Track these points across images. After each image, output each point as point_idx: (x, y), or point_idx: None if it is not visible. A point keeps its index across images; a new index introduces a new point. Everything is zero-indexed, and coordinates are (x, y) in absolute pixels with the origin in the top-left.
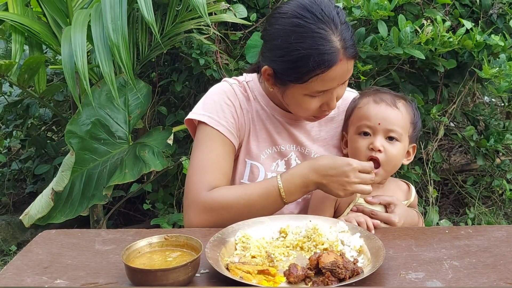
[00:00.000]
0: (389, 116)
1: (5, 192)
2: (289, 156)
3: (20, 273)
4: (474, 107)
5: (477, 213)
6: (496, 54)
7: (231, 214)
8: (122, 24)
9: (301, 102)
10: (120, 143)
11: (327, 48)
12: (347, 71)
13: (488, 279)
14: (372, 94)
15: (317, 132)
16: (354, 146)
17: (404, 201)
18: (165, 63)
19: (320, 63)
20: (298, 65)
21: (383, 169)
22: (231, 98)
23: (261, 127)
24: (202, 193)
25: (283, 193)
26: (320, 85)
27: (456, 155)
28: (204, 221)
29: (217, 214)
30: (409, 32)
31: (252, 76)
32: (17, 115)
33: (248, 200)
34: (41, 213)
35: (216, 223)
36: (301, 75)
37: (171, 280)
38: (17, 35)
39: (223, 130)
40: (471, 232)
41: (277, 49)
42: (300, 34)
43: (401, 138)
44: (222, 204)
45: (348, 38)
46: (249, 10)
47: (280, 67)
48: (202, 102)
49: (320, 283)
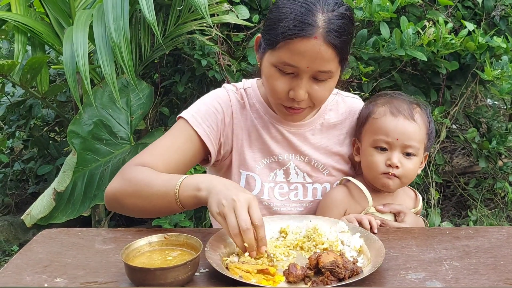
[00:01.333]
0: (407, 131)
1: (8, 193)
2: (288, 165)
3: (20, 272)
4: (477, 109)
5: (479, 216)
6: (499, 56)
7: (133, 189)
8: (124, 25)
9: (270, 75)
10: (122, 144)
11: (306, 18)
12: (321, 56)
13: (488, 280)
14: (388, 103)
15: (318, 139)
16: (370, 160)
17: (412, 209)
18: (168, 64)
19: (292, 27)
20: (274, 26)
21: (400, 182)
22: (222, 105)
23: (256, 137)
24: (129, 165)
25: (178, 183)
26: (287, 54)
27: (459, 157)
28: (112, 188)
29: (125, 184)
30: (411, 33)
31: (252, 83)
32: (20, 116)
33: (152, 180)
34: (42, 213)
35: (121, 196)
36: (273, 37)
37: (170, 279)
38: (19, 35)
39: (201, 132)
40: (471, 233)
41: (269, 12)
42: (293, 1)
43: (418, 153)
44: (132, 176)
45: (335, 26)
46: (251, 11)
47: (264, 30)
48: (194, 103)
49: (319, 283)
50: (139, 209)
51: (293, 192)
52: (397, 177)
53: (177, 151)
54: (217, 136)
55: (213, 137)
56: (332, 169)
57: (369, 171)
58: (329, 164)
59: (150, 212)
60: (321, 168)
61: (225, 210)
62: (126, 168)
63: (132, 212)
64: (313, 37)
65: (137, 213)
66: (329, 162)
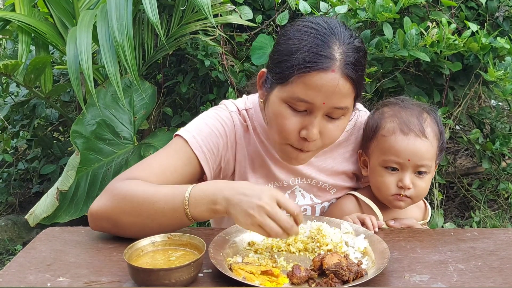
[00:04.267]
0: (420, 151)
1: (12, 192)
2: (293, 189)
3: (23, 270)
4: (480, 110)
5: (482, 217)
6: (502, 57)
7: (130, 206)
8: (128, 25)
9: (279, 113)
10: (125, 144)
11: (322, 50)
12: (338, 90)
13: (494, 283)
14: (396, 117)
15: (322, 161)
16: (381, 180)
17: (420, 221)
18: (171, 65)
19: (307, 60)
20: (286, 58)
21: (412, 201)
22: (226, 129)
23: (260, 164)
24: (117, 180)
25: (186, 198)
26: (302, 89)
27: (462, 158)
28: (101, 205)
29: (117, 201)
30: (414, 34)
31: (253, 102)
32: (24, 115)
33: (152, 195)
34: (46, 213)
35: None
36: (284, 70)
37: (173, 280)
38: (23, 35)
39: (201, 156)
40: (477, 235)
41: (277, 44)
42: (304, 32)
43: (430, 170)
44: (125, 191)
45: (352, 59)
46: (254, 12)
47: (271, 63)
48: (194, 121)
49: (323, 285)
50: (140, 228)
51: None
52: (409, 197)
53: (174, 173)
54: (217, 161)
55: (212, 161)
56: (339, 188)
57: (379, 192)
58: (336, 184)
59: (152, 230)
60: (329, 188)
61: (258, 220)
62: (114, 184)
63: (130, 231)
64: (330, 70)
65: (135, 231)
66: (336, 182)
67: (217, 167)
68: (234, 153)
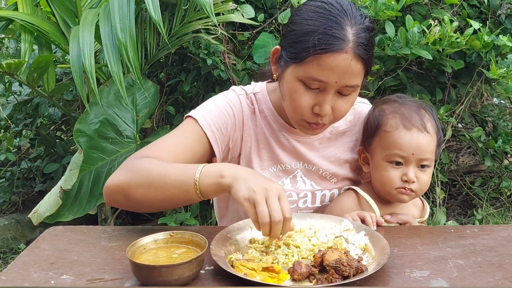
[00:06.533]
0: (422, 145)
1: (15, 191)
2: (295, 173)
3: (27, 269)
4: (482, 108)
5: (485, 215)
6: (504, 55)
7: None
8: (130, 24)
9: (294, 91)
10: (128, 142)
11: (336, 32)
12: (350, 70)
13: (493, 278)
14: (397, 113)
15: (326, 148)
16: (386, 175)
17: (417, 219)
18: (174, 63)
19: (322, 42)
20: (301, 39)
21: (415, 195)
22: (234, 109)
23: (265, 145)
24: (132, 158)
25: (198, 171)
26: (316, 69)
27: (464, 156)
28: (115, 179)
29: (132, 175)
30: (416, 32)
31: (261, 87)
32: (27, 114)
33: (165, 168)
34: (49, 212)
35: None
36: (300, 51)
37: (176, 276)
38: (26, 34)
39: (210, 134)
40: (477, 231)
41: (291, 24)
42: (318, 13)
43: (432, 163)
44: (139, 165)
45: (363, 40)
46: (256, 10)
47: (286, 42)
48: (204, 104)
49: (324, 281)
50: (149, 200)
51: (302, 199)
52: (413, 191)
53: (186, 150)
54: (225, 141)
55: (220, 141)
56: (340, 178)
57: (383, 186)
58: (337, 173)
59: (161, 203)
60: (329, 177)
61: (256, 197)
62: (130, 160)
63: (140, 204)
64: (344, 52)
65: (146, 204)
66: (338, 172)
67: (225, 147)
68: (241, 134)
